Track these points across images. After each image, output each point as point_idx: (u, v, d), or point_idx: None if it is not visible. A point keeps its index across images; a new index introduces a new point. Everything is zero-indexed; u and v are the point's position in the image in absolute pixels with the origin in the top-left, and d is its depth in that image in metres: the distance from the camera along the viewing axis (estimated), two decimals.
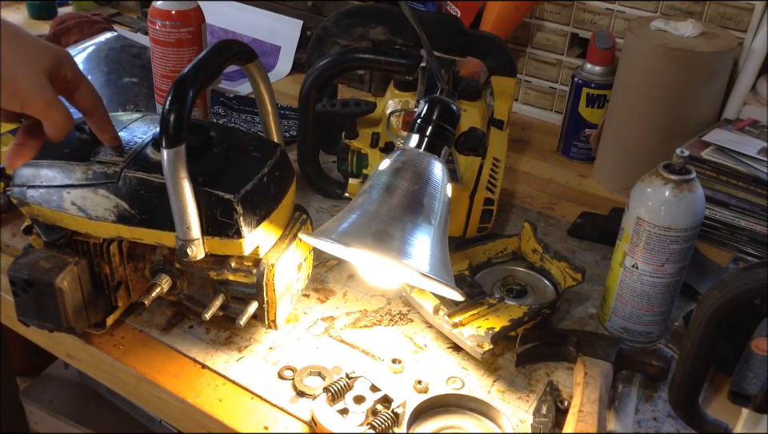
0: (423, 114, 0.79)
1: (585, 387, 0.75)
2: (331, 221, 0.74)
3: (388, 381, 0.75)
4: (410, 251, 0.69)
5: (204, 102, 1.18)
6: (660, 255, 0.80)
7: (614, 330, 0.86)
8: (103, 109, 0.77)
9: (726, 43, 1.09)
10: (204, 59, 0.74)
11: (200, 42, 1.11)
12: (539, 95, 1.42)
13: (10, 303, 0.83)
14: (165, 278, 0.81)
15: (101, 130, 0.78)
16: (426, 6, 1.40)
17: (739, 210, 1.02)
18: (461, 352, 0.83)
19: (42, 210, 0.78)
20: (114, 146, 0.78)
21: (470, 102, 1.02)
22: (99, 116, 0.77)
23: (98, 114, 0.77)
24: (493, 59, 1.06)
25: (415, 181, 0.73)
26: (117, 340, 0.83)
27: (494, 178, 0.98)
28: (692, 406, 0.68)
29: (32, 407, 1.51)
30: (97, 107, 0.76)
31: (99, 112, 0.77)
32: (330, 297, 0.91)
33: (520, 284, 0.93)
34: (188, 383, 0.78)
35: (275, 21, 1.53)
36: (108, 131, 0.78)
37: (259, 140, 0.83)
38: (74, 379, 1.55)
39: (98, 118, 0.77)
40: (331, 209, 1.09)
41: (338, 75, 1.04)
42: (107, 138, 0.78)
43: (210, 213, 0.74)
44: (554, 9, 1.33)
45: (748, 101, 1.17)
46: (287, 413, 0.75)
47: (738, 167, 1.00)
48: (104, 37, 1.45)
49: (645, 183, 0.80)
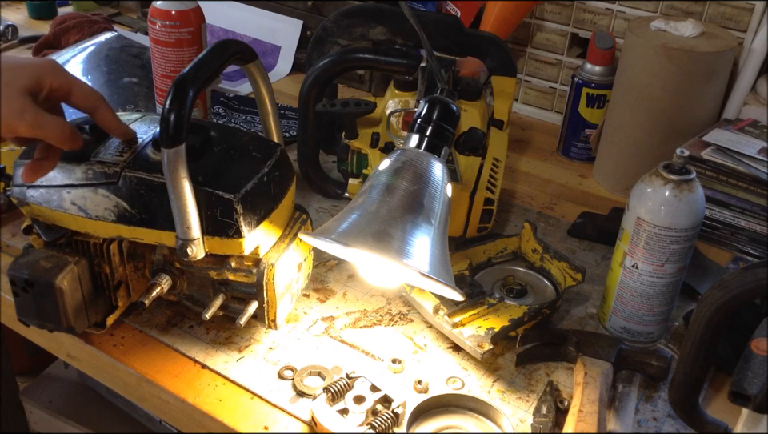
0: (423, 114, 0.79)
1: (585, 387, 0.75)
2: (331, 221, 0.74)
3: (388, 381, 0.75)
4: (410, 251, 0.69)
5: (204, 102, 1.18)
6: (660, 255, 0.80)
7: (613, 330, 0.86)
8: (105, 105, 0.76)
9: (726, 43, 1.09)
10: (204, 59, 0.74)
11: (200, 42, 1.11)
12: (539, 95, 1.42)
13: (9, 303, 0.83)
14: (165, 278, 0.81)
15: (110, 127, 0.77)
16: (426, 5, 1.39)
17: (739, 210, 1.02)
18: (461, 352, 0.83)
19: (42, 209, 0.78)
20: (128, 139, 0.78)
21: (470, 102, 1.02)
22: (103, 113, 0.76)
23: (101, 111, 0.76)
24: (493, 59, 1.06)
25: (415, 181, 0.73)
26: (117, 340, 0.83)
27: (493, 178, 0.98)
28: (692, 406, 0.68)
29: (32, 407, 1.51)
30: (97, 105, 0.76)
31: (102, 109, 0.76)
32: (330, 297, 0.91)
33: (520, 284, 0.93)
34: (188, 383, 0.78)
35: (275, 21, 1.53)
36: (117, 126, 0.77)
37: (259, 140, 0.83)
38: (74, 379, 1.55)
39: (102, 115, 0.77)
40: (331, 209, 1.09)
41: (338, 75, 1.04)
42: (118, 133, 0.78)
43: (210, 213, 0.74)
44: (554, 9, 1.33)
45: (748, 101, 1.17)
46: (287, 413, 0.75)
47: (738, 167, 1.00)
48: (104, 37, 1.45)
49: (645, 183, 0.80)
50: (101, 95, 0.76)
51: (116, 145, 0.78)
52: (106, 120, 0.77)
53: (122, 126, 0.78)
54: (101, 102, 0.76)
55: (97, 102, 0.76)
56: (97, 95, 0.76)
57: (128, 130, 0.78)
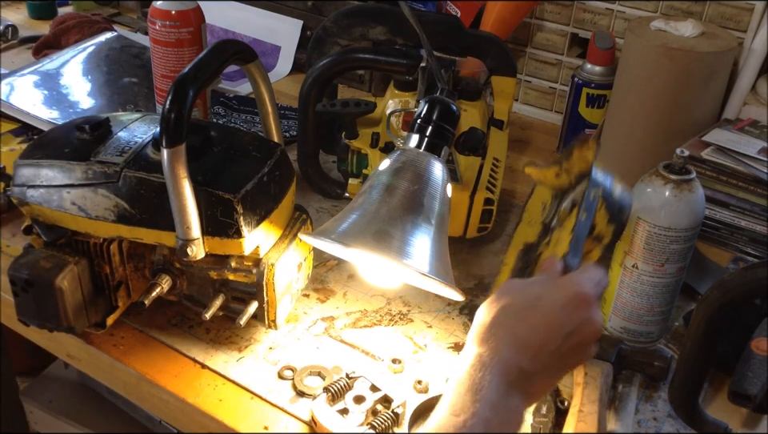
0: (423, 114, 0.78)
1: (585, 387, 0.75)
2: (331, 221, 0.74)
3: (388, 381, 0.75)
4: (410, 251, 0.69)
5: (204, 102, 1.18)
6: (660, 255, 0.80)
7: (614, 330, 0.86)
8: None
9: (726, 43, 1.09)
10: (204, 59, 0.74)
11: (200, 42, 1.11)
12: (539, 95, 1.42)
13: (9, 303, 0.83)
14: (165, 278, 0.81)
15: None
16: (426, 5, 1.39)
17: (739, 210, 1.02)
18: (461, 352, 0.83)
19: (42, 209, 0.78)
20: None
21: (470, 102, 1.02)
22: None
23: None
24: (493, 59, 1.06)
25: (415, 181, 0.73)
26: (117, 340, 0.83)
27: (493, 178, 0.98)
28: (692, 406, 0.68)
29: (32, 407, 1.51)
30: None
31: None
32: (330, 297, 0.91)
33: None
34: (188, 383, 0.78)
35: (275, 21, 1.53)
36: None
37: (259, 140, 0.83)
38: (74, 379, 1.55)
39: None
40: (331, 209, 1.09)
41: (338, 75, 1.04)
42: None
43: (210, 213, 0.74)
44: (554, 9, 1.33)
45: (748, 101, 1.16)
46: (287, 413, 0.75)
47: (738, 167, 1.00)
48: (104, 37, 1.45)
49: (645, 183, 0.80)
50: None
51: (116, 145, 0.78)
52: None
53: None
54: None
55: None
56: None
57: None
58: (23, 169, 0.78)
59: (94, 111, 1.24)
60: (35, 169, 0.78)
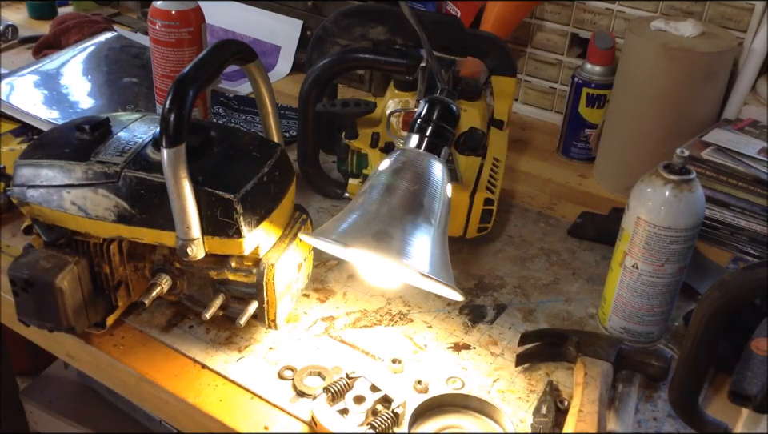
0: (423, 114, 0.79)
1: (585, 387, 0.75)
2: (331, 221, 0.74)
3: (388, 381, 0.75)
4: (410, 251, 0.69)
5: (204, 102, 1.18)
6: (660, 255, 0.80)
7: (614, 330, 0.86)
8: None
9: (726, 43, 1.09)
10: (204, 59, 0.75)
11: (200, 42, 1.11)
12: (539, 95, 1.42)
13: (9, 303, 0.83)
14: (165, 278, 0.81)
15: None
16: (426, 5, 1.39)
17: (739, 210, 1.02)
18: (461, 352, 0.83)
19: (42, 209, 0.78)
20: None
21: (470, 102, 1.02)
22: None
23: None
24: (493, 59, 1.06)
25: (415, 181, 0.73)
26: (117, 340, 0.83)
27: (493, 178, 0.98)
28: (692, 406, 0.68)
29: (32, 407, 1.51)
30: None
31: None
32: (330, 297, 0.91)
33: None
34: (188, 383, 0.78)
35: (275, 21, 1.53)
36: None
37: (259, 140, 0.83)
38: (74, 379, 1.55)
39: None
40: (331, 209, 1.09)
41: (338, 75, 1.04)
42: None
43: (210, 213, 0.74)
44: (554, 9, 1.33)
45: (748, 101, 1.17)
46: (287, 413, 0.75)
47: (738, 167, 1.00)
48: (104, 37, 1.45)
49: (645, 183, 0.80)
50: None
51: (116, 145, 0.78)
52: None
53: None
54: None
55: None
56: None
57: None
58: (23, 169, 0.78)
59: (94, 111, 1.24)
60: (35, 169, 0.78)
